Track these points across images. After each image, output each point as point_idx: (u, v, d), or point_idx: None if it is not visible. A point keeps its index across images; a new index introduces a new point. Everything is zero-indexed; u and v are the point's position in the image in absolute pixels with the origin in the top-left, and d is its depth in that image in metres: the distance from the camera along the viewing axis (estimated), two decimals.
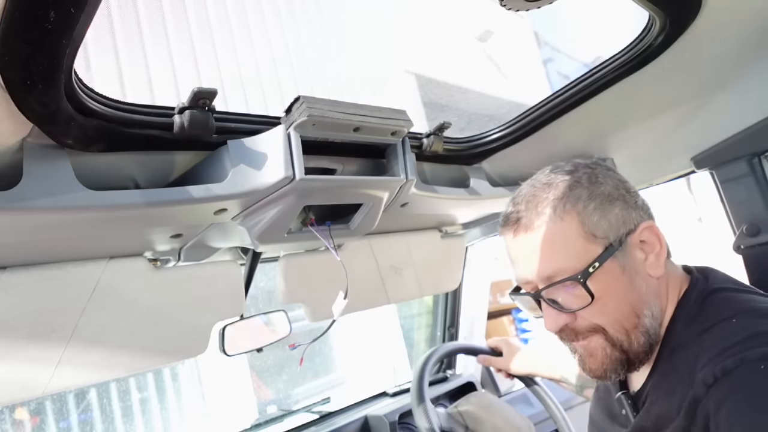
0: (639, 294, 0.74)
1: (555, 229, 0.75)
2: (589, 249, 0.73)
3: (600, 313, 0.74)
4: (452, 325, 2.01)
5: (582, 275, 0.72)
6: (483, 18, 6.45)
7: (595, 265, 0.72)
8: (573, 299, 0.75)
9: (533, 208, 0.77)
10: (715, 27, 0.88)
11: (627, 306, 0.74)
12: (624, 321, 0.74)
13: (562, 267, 0.74)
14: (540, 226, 0.76)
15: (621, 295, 0.74)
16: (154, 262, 0.96)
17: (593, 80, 1.04)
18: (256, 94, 4.05)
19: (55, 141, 0.64)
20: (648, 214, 0.79)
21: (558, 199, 0.75)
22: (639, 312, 0.74)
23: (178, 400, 3.50)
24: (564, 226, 0.74)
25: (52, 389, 0.86)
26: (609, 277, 0.73)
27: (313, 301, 1.19)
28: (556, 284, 0.74)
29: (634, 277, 0.74)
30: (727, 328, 0.68)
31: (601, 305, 0.74)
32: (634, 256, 0.75)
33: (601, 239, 0.74)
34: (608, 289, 0.73)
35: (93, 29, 0.55)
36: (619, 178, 0.79)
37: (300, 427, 1.68)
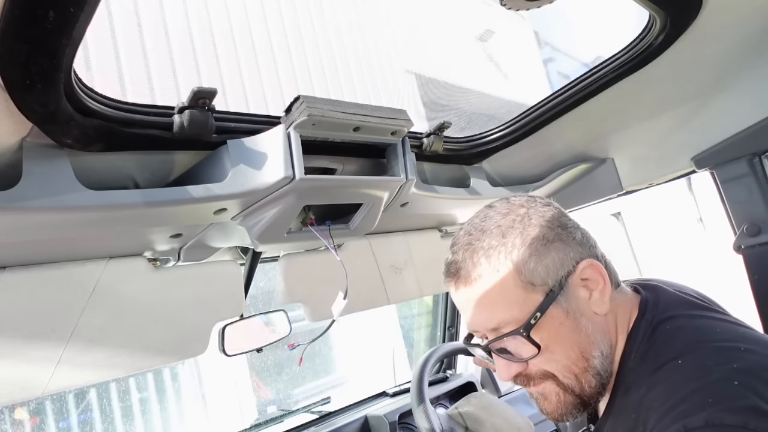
0: (586, 335, 0.73)
1: (492, 280, 0.74)
2: (528, 298, 0.72)
3: (548, 360, 0.74)
4: (452, 325, 2.01)
5: (524, 328, 0.71)
6: (483, 18, 6.45)
7: (537, 316, 0.71)
8: (522, 349, 0.74)
9: (469, 258, 0.76)
10: (715, 27, 0.88)
11: (575, 350, 0.73)
12: (573, 366, 0.73)
13: (504, 319, 0.73)
14: (477, 278, 0.75)
15: (567, 340, 0.73)
16: (154, 261, 0.96)
17: (593, 80, 1.04)
18: (256, 93, 4.05)
19: (55, 141, 0.64)
20: (588, 249, 0.76)
21: (492, 248, 0.74)
22: (587, 354, 0.73)
23: (178, 400, 3.50)
24: (501, 278, 0.73)
25: (51, 389, 0.86)
26: (553, 323, 0.72)
27: (313, 301, 1.19)
28: (501, 338, 0.74)
29: (578, 319, 0.73)
30: (674, 373, 0.66)
31: (548, 354, 0.73)
32: (577, 297, 0.73)
33: (540, 286, 0.72)
34: (554, 336, 0.72)
35: (93, 29, 0.55)
36: (553, 215, 0.77)
37: (300, 427, 1.68)
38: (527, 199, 0.79)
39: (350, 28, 5.05)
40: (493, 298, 0.74)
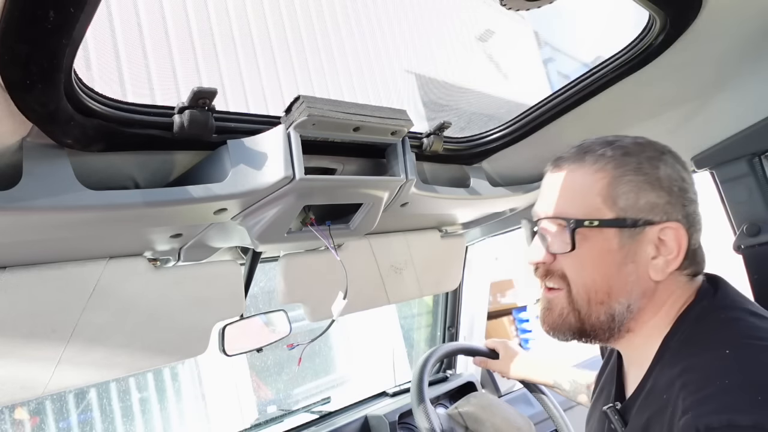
0: (624, 280, 0.72)
1: (583, 177, 0.74)
2: (599, 209, 0.72)
3: (574, 268, 0.74)
4: (452, 325, 2.01)
5: (575, 223, 0.72)
6: (483, 18, 6.45)
7: (593, 223, 0.71)
8: (558, 242, 0.74)
9: (581, 154, 0.76)
10: (715, 27, 0.88)
11: (603, 281, 0.72)
12: (591, 291, 0.73)
13: (566, 210, 0.74)
14: (574, 170, 0.75)
15: (602, 267, 0.72)
16: (154, 261, 0.96)
17: (593, 80, 1.04)
18: (256, 93, 4.05)
19: (55, 141, 0.64)
20: (690, 222, 0.73)
21: (607, 157, 0.73)
22: (613, 294, 0.72)
23: (178, 400, 3.50)
24: (592, 179, 0.73)
25: (52, 389, 0.86)
26: (602, 245, 0.72)
27: (313, 301, 1.19)
28: (551, 218, 0.75)
29: (627, 263, 0.72)
30: (719, 361, 0.63)
31: (578, 263, 0.73)
32: (642, 247, 0.71)
33: (618, 209, 0.71)
34: (594, 255, 0.72)
35: (93, 29, 0.55)
36: (681, 175, 0.74)
37: (300, 427, 1.68)
38: (668, 149, 0.77)
39: (350, 28, 5.05)
40: (573, 189, 0.74)
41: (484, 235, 1.75)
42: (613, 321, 0.73)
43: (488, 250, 2.00)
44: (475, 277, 1.97)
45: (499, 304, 3.82)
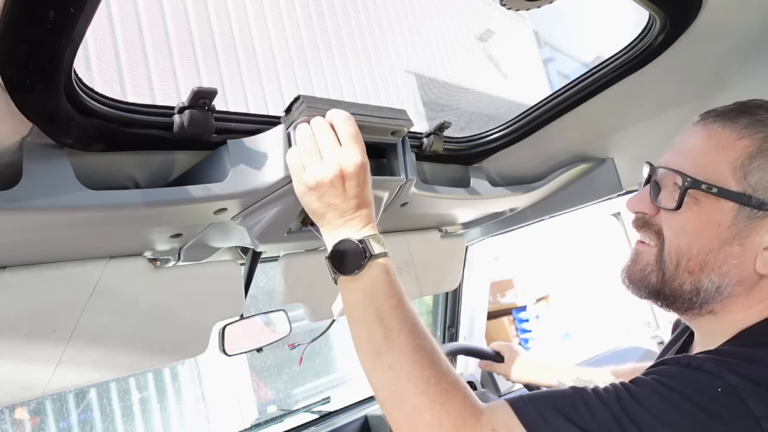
0: (722, 259, 0.66)
1: (725, 139, 0.66)
2: (725, 178, 0.65)
3: (673, 227, 0.68)
4: (452, 325, 2.01)
5: (691, 182, 0.65)
6: (483, 18, 6.45)
7: (712, 189, 0.64)
8: (667, 196, 0.69)
9: (737, 114, 0.68)
10: (715, 27, 0.88)
11: (699, 251, 0.66)
12: (684, 257, 0.68)
13: (687, 168, 0.67)
14: (718, 129, 0.67)
15: (704, 237, 0.66)
16: (154, 261, 0.96)
17: (593, 80, 1.04)
18: (256, 93, 4.05)
19: (55, 141, 0.64)
20: None
21: (765, 125, 0.65)
22: (705, 268, 0.67)
23: (178, 400, 3.50)
24: (733, 144, 0.65)
25: (52, 389, 0.86)
26: (712, 214, 0.65)
27: (313, 300, 1.19)
28: (668, 170, 0.69)
29: (733, 244, 0.65)
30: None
31: (679, 223, 0.67)
32: (758, 233, 0.64)
33: (746, 184, 0.64)
34: (699, 220, 0.66)
35: (93, 29, 0.55)
36: None
37: (300, 427, 1.68)
38: None
39: (350, 28, 5.05)
40: (706, 147, 0.67)
41: (484, 235, 1.75)
42: (697, 295, 0.68)
43: (488, 250, 2.00)
44: (475, 277, 1.97)
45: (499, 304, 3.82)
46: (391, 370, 0.66)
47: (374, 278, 0.71)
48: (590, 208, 1.52)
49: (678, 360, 0.64)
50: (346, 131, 0.72)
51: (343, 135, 0.72)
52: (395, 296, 0.70)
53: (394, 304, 0.70)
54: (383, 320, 0.69)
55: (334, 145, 0.71)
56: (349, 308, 0.72)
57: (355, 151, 0.72)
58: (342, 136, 0.73)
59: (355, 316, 0.71)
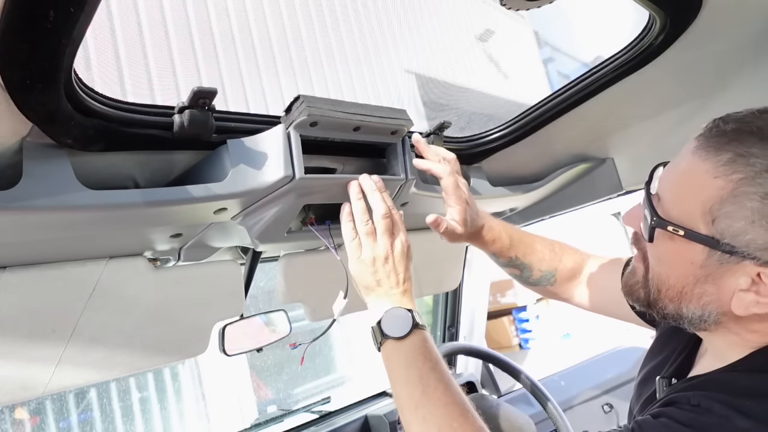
0: (699, 294, 0.65)
1: (700, 172, 0.62)
2: (695, 220, 0.62)
3: (653, 255, 0.70)
4: (452, 325, 2.01)
5: (656, 222, 0.64)
6: (483, 18, 6.45)
7: (678, 232, 0.63)
8: (644, 225, 0.69)
9: (724, 143, 0.62)
10: (715, 27, 0.88)
11: (676, 282, 0.67)
12: (663, 284, 0.68)
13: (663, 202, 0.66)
14: (699, 160, 0.63)
15: (678, 271, 0.66)
16: (154, 261, 0.96)
17: (593, 80, 1.04)
18: (256, 93, 4.05)
19: (55, 140, 0.64)
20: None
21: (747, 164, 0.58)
22: (683, 299, 0.66)
23: (178, 400, 3.50)
24: (705, 181, 0.61)
25: (52, 389, 0.86)
26: (683, 253, 0.64)
27: (313, 300, 1.19)
28: (647, 199, 0.68)
29: (706, 282, 0.63)
30: None
31: (657, 254, 0.68)
32: (732, 275, 0.61)
33: (713, 230, 0.60)
34: (671, 256, 0.66)
35: (93, 29, 0.55)
36: None
37: (300, 427, 1.68)
38: None
39: (350, 28, 5.05)
40: (682, 180, 0.65)
41: None
42: (681, 319, 0.68)
43: None
44: (475, 277, 1.97)
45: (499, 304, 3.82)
46: (425, 422, 0.74)
47: (416, 344, 0.81)
48: (590, 208, 1.52)
49: (689, 399, 0.63)
50: (396, 219, 0.87)
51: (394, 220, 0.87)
52: (433, 359, 0.79)
53: (432, 366, 0.78)
54: (422, 379, 0.77)
55: (388, 230, 0.85)
56: (392, 369, 0.81)
57: (403, 234, 0.87)
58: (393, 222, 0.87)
59: (398, 375, 0.80)
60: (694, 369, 0.77)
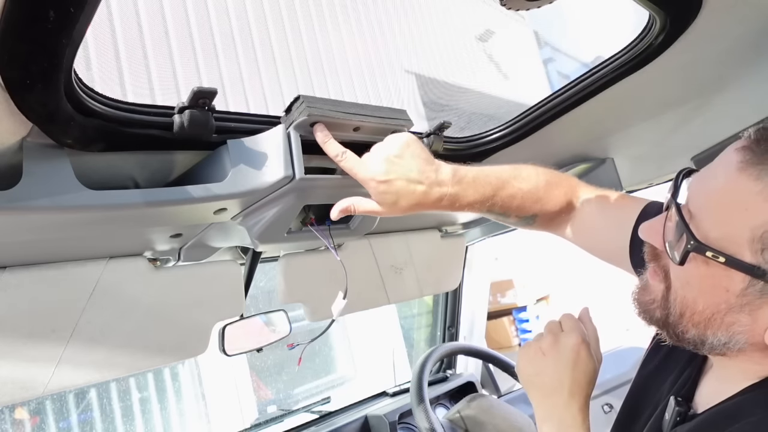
0: (730, 322, 0.59)
1: (750, 199, 0.55)
2: (739, 246, 0.56)
3: (678, 277, 0.63)
4: (452, 325, 2.01)
5: (694, 247, 0.57)
6: (483, 18, 6.45)
7: (719, 258, 0.56)
8: (674, 245, 0.61)
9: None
10: (715, 27, 0.88)
11: (705, 309, 0.61)
12: (688, 308, 0.62)
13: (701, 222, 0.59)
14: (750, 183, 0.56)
15: (711, 298, 0.60)
16: (154, 261, 0.96)
17: (593, 80, 1.04)
18: (256, 93, 4.05)
19: (55, 141, 0.64)
20: None
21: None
22: (710, 326, 0.61)
23: (178, 400, 3.50)
24: (757, 209, 0.55)
25: (52, 389, 0.86)
26: (719, 279, 0.58)
27: (313, 300, 1.19)
28: (679, 218, 0.60)
29: (741, 312, 0.58)
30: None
31: (685, 277, 0.61)
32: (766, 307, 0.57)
33: (761, 259, 0.54)
34: (705, 281, 0.59)
35: (93, 29, 0.55)
36: None
37: (300, 427, 1.68)
38: None
39: (350, 28, 5.05)
40: (724, 200, 0.58)
41: (484, 235, 1.75)
42: (702, 344, 0.63)
43: (488, 250, 2.00)
44: (475, 277, 1.97)
45: (499, 304, 3.82)
46: None
47: None
48: None
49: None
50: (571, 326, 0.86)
51: None
52: None
53: None
54: None
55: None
56: None
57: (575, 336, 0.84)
58: None
59: None
60: (699, 392, 0.72)
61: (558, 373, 0.77)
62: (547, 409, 0.78)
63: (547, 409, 0.78)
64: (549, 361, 0.79)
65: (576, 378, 0.78)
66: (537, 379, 0.79)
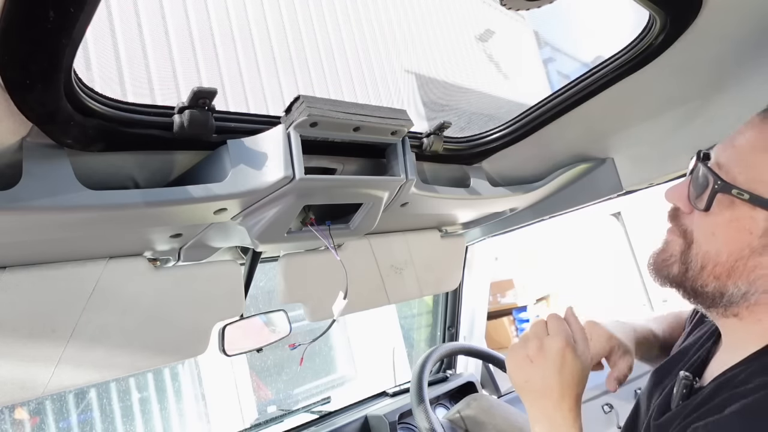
0: (752, 267, 0.63)
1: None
2: (763, 184, 0.61)
3: (703, 230, 0.66)
4: (452, 325, 2.01)
5: (720, 186, 0.62)
6: (483, 18, 6.45)
7: (743, 195, 0.61)
8: (699, 195, 0.66)
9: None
10: (715, 27, 0.88)
11: (728, 258, 0.64)
12: (711, 261, 0.65)
13: (728, 166, 0.64)
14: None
15: (734, 244, 0.63)
16: (154, 262, 0.96)
17: (593, 80, 1.04)
18: (256, 93, 4.05)
19: (55, 140, 0.64)
20: None
21: None
22: (732, 275, 0.64)
23: (178, 400, 3.50)
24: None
25: (51, 389, 0.86)
26: (744, 221, 0.62)
27: (313, 300, 1.19)
28: (705, 168, 0.65)
29: (763, 253, 0.62)
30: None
31: (710, 228, 0.65)
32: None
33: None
34: (730, 226, 0.63)
35: (93, 29, 0.55)
36: None
37: (300, 427, 1.68)
38: None
39: (350, 28, 5.05)
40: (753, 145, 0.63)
41: (484, 235, 1.75)
42: (720, 297, 0.66)
43: (488, 250, 2.00)
44: (475, 277, 1.97)
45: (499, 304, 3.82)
46: None
47: None
48: (590, 208, 1.52)
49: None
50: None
51: None
52: None
53: None
54: None
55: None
56: None
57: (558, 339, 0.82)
58: None
59: None
60: (709, 367, 0.76)
61: (546, 378, 0.79)
62: (538, 411, 0.80)
63: (539, 411, 0.80)
64: (536, 368, 0.80)
65: (564, 380, 0.79)
66: (526, 385, 0.80)
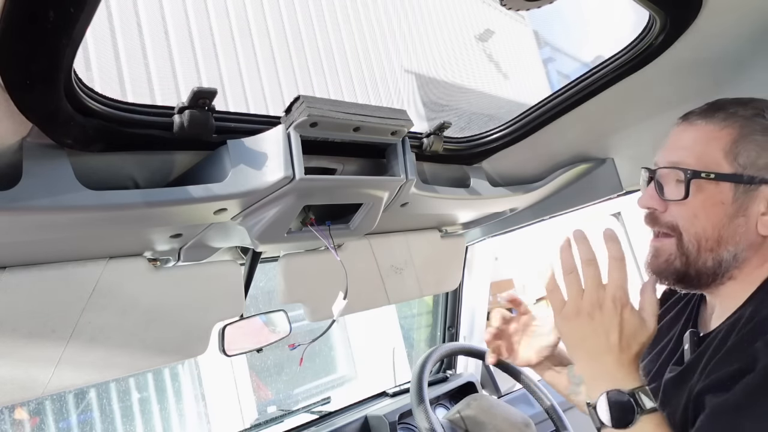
0: (733, 230, 0.76)
1: (710, 132, 0.78)
2: (719, 164, 0.76)
3: (685, 216, 0.78)
4: (452, 326, 2.01)
5: (692, 173, 0.76)
6: (483, 18, 6.45)
7: (710, 176, 0.75)
8: (672, 190, 0.79)
9: (712, 111, 0.80)
10: (715, 27, 0.88)
11: (713, 230, 0.76)
12: (701, 238, 0.77)
13: (685, 161, 0.78)
14: (701, 125, 0.79)
15: (714, 217, 0.76)
16: (154, 262, 0.96)
17: (593, 80, 1.04)
18: (256, 93, 4.05)
19: (55, 141, 0.64)
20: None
21: (738, 115, 0.77)
22: (721, 242, 0.76)
23: (178, 400, 3.51)
24: (718, 134, 0.77)
25: (51, 389, 0.86)
26: (715, 196, 0.76)
27: (313, 301, 1.19)
28: (670, 167, 0.79)
29: (738, 216, 0.76)
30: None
31: (690, 210, 0.77)
32: (754, 203, 0.76)
33: (737, 165, 0.75)
34: (706, 204, 0.76)
35: (93, 29, 0.55)
36: None
37: (300, 427, 1.68)
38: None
39: (350, 28, 5.05)
40: (696, 141, 0.78)
41: (484, 235, 1.75)
42: (719, 267, 0.77)
43: (488, 250, 2.00)
44: (475, 277, 1.97)
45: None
46: None
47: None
48: (590, 208, 1.52)
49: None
50: None
51: None
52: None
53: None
54: None
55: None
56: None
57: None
58: None
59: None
60: (703, 320, 0.86)
61: (607, 334, 0.74)
62: (597, 368, 0.75)
63: (598, 369, 0.75)
64: (597, 325, 0.75)
65: (624, 335, 0.75)
66: (584, 343, 0.76)
